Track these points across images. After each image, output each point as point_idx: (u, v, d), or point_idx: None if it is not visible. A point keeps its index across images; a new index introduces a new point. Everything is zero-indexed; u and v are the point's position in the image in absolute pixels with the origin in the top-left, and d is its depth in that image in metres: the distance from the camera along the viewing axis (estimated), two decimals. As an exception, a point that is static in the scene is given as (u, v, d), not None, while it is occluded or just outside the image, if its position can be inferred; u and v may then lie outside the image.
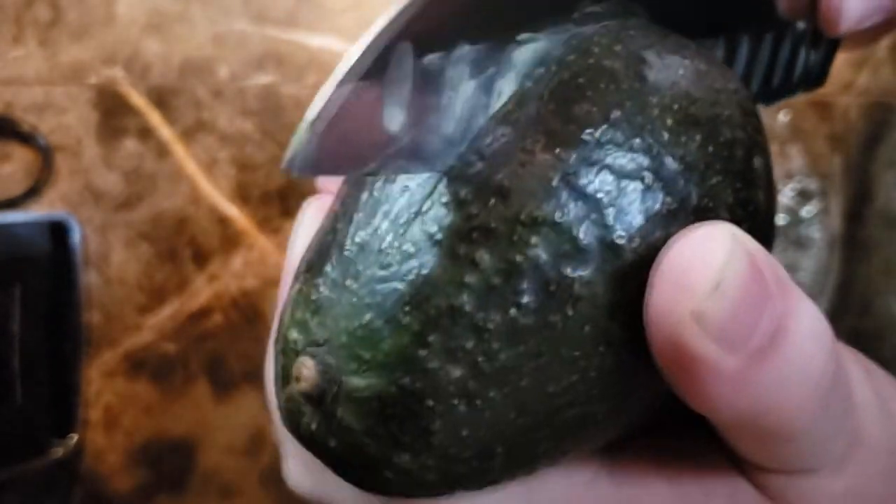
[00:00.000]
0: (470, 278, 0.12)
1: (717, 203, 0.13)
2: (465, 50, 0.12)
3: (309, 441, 0.13)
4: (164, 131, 0.45)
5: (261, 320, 0.45)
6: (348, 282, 0.13)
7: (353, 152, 0.12)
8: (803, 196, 0.42)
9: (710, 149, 0.13)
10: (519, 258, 0.12)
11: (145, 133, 0.45)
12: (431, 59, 0.12)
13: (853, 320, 0.44)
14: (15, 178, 0.44)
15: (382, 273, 0.13)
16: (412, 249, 0.13)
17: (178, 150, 0.45)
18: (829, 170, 0.42)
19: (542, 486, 0.15)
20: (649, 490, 0.15)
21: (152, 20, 0.44)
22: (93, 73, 0.44)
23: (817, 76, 0.21)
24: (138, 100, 0.44)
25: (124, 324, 0.45)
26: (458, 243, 0.12)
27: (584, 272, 0.12)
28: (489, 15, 0.13)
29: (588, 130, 0.12)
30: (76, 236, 0.44)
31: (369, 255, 0.13)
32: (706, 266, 0.12)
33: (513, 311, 0.12)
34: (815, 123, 0.42)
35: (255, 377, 0.45)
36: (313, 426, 0.13)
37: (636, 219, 0.12)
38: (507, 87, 0.13)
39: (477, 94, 0.13)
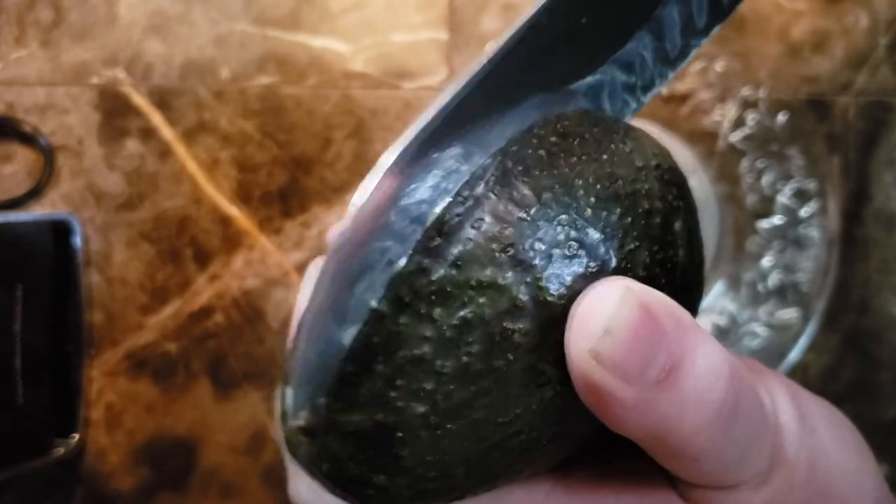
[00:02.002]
0: (429, 332, 0.15)
1: (634, 264, 0.16)
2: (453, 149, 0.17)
3: (306, 465, 0.17)
4: (166, 132, 0.45)
5: (262, 320, 0.45)
6: None
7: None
8: (802, 196, 0.42)
9: (629, 220, 0.16)
10: (469, 315, 0.15)
11: (147, 133, 0.45)
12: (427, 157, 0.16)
13: (852, 319, 0.45)
14: (17, 178, 0.45)
15: None
16: (381, 310, 0.16)
17: (180, 150, 0.45)
18: (827, 170, 0.42)
19: (505, 497, 0.18)
20: (597, 500, 0.18)
21: (154, 21, 0.44)
22: (94, 74, 0.45)
23: None
24: (140, 100, 0.45)
25: (126, 323, 0.45)
26: (419, 303, 0.15)
27: (521, 325, 0.15)
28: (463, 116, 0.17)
29: (523, 211, 0.16)
30: (78, 236, 0.44)
31: None
32: (598, 314, 0.15)
33: (464, 358, 0.15)
34: (814, 123, 0.43)
35: (256, 377, 0.45)
36: (309, 454, 0.16)
37: (564, 280, 0.16)
38: (462, 176, 0.16)
39: (441, 181, 0.16)
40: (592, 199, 0.16)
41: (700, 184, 0.44)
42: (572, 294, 0.15)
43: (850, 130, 0.44)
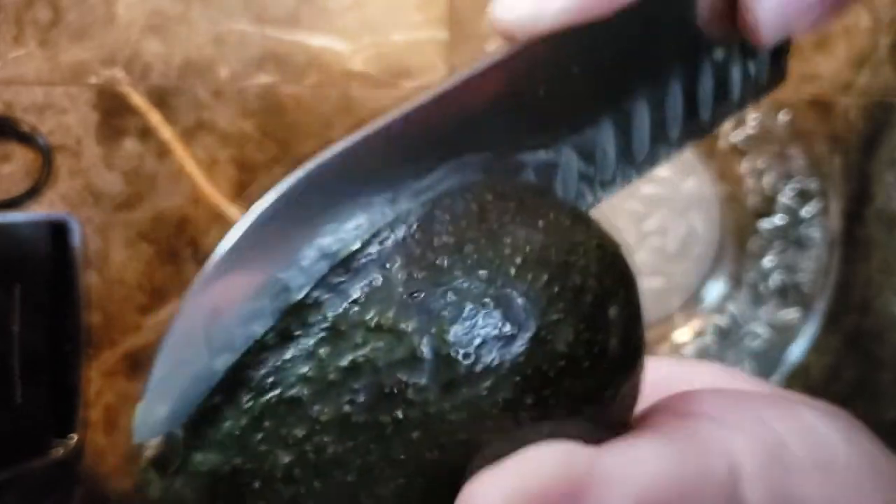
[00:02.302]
0: (312, 372, 0.14)
1: (555, 337, 0.14)
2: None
3: None
4: (165, 131, 0.45)
5: (261, 320, 0.45)
6: None
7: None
8: (803, 196, 0.42)
9: (556, 289, 0.15)
10: (360, 359, 0.14)
11: (145, 133, 0.45)
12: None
13: (853, 319, 0.45)
14: (15, 178, 0.44)
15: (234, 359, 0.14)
16: (265, 341, 0.14)
17: (179, 150, 0.45)
18: (828, 170, 0.42)
19: None
20: None
21: (152, 20, 0.44)
22: (93, 74, 0.45)
23: (775, 75, 0.22)
24: (138, 100, 0.45)
25: (124, 324, 0.45)
26: (307, 339, 0.14)
27: (417, 379, 0.14)
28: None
29: (441, 258, 0.14)
30: (76, 236, 0.44)
31: None
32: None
33: (346, 407, 0.14)
34: (815, 124, 0.43)
35: (256, 377, 0.45)
36: (156, 493, 0.15)
37: (473, 339, 0.14)
38: (386, 218, 0.15)
39: (364, 222, 0.15)
40: (518, 260, 0.15)
41: (701, 184, 0.43)
42: (480, 355, 0.14)
43: (852, 130, 0.44)
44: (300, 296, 0.14)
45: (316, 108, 0.44)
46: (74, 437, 0.44)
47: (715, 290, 0.44)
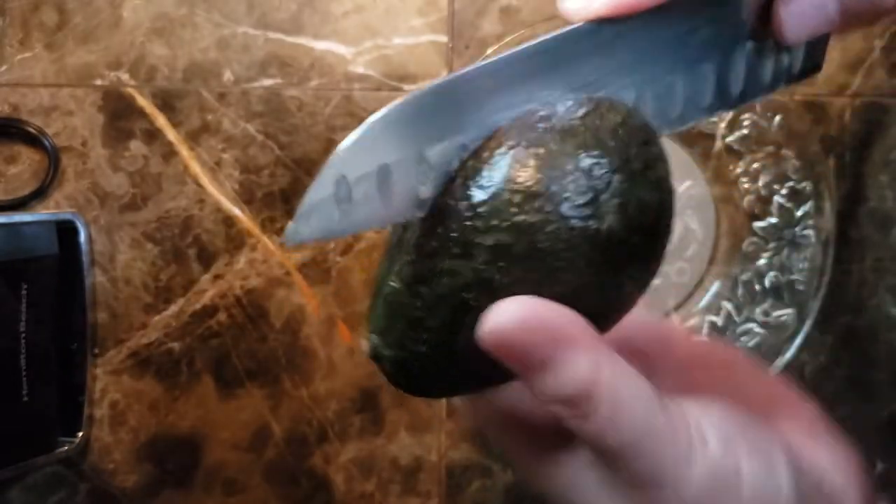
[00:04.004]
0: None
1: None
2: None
3: (383, 373, 0.22)
4: (170, 133, 0.45)
5: (264, 319, 0.45)
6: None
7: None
8: (797, 197, 0.43)
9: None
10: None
11: (151, 135, 0.45)
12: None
13: (847, 319, 0.45)
14: (22, 179, 0.45)
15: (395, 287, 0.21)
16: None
17: (184, 151, 0.45)
18: (822, 171, 0.42)
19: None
20: None
21: (157, 24, 0.45)
22: (99, 76, 0.45)
23: (809, 66, 0.25)
24: (144, 102, 0.45)
25: (130, 323, 0.45)
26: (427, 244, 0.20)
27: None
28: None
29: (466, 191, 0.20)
30: (82, 237, 0.44)
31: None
32: (491, 317, 0.19)
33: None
34: (810, 125, 0.43)
35: (259, 375, 0.46)
36: (379, 366, 0.22)
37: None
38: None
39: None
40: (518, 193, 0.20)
41: (697, 185, 0.44)
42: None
43: (846, 132, 0.44)
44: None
45: (318, 111, 0.45)
46: (80, 435, 0.45)
47: (710, 289, 0.44)
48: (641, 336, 0.25)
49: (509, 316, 0.19)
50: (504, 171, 0.20)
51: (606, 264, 0.20)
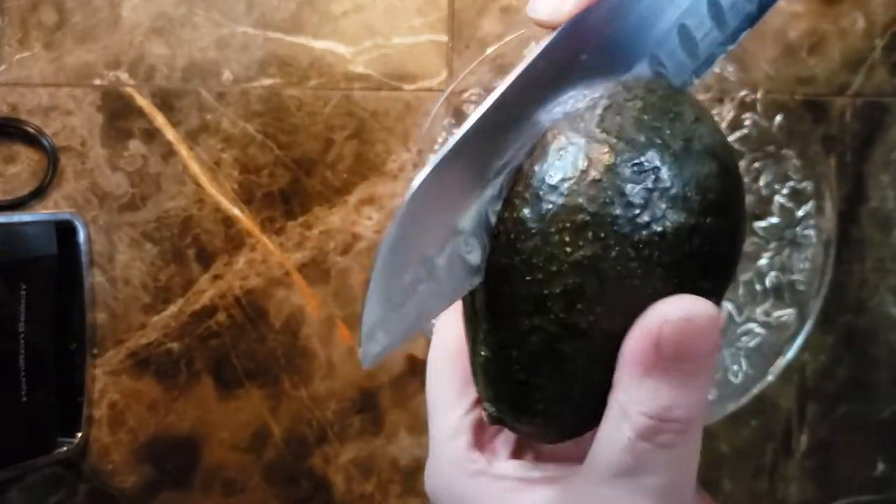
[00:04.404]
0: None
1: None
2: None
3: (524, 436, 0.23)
4: (169, 133, 0.45)
5: (264, 319, 0.45)
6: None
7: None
8: (798, 197, 0.43)
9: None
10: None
11: (150, 135, 0.45)
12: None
13: (848, 319, 0.45)
14: (21, 178, 0.45)
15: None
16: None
17: (183, 151, 0.45)
18: (823, 171, 0.42)
19: None
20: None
21: (157, 23, 0.45)
22: (98, 76, 0.45)
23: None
24: (143, 102, 0.45)
25: (129, 323, 0.45)
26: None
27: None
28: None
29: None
30: (81, 236, 0.44)
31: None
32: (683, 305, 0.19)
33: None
34: (810, 125, 0.43)
35: (258, 375, 0.46)
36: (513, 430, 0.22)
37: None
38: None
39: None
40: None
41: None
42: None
43: (847, 132, 0.44)
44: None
45: (318, 110, 0.45)
46: (79, 435, 0.45)
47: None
48: None
49: (704, 311, 0.19)
50: (543, 212, 0.18)
51: (687, 259, 0.19)
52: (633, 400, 0.19)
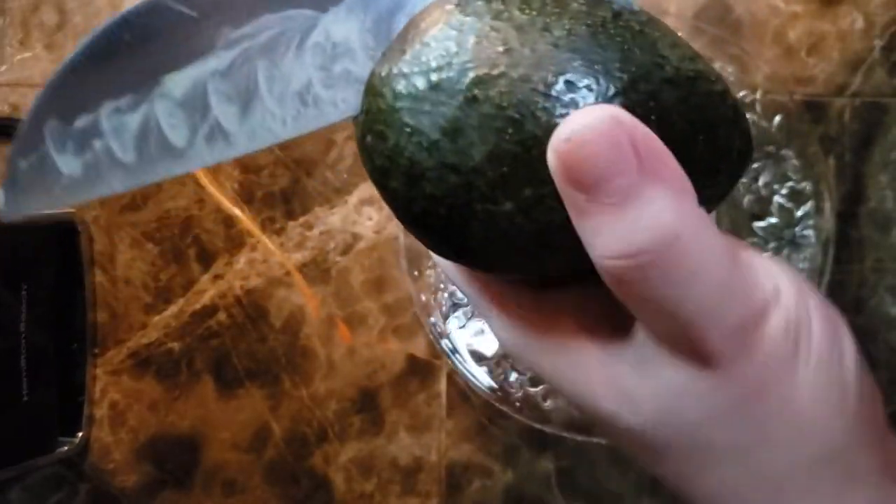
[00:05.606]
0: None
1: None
2: None
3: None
4: (169, 133, 0.45)
5: (264, 319, 0.45)
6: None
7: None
8: (797, 197, 0.43)
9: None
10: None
11: (150, 135, 0.45)
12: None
13: (847, 319, 0.45)
14: (22, 179, 0.45)
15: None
16: None
17: (183, 151, 0.45)
18: (822, 171, 0.42)
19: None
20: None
21: (157, 24, 0.45)
22: (98, 76, 0.45)
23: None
24: (143, 102, 0.45)
25: (130, 323, 0.46)
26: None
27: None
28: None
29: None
30: (82, 237, 0.44)
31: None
32: (568, 123, 0.15)
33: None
34: (809, 125, 0.43)
35: (259, 375, 0.46)
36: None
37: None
38: None
39: None
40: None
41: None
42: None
43: (846, 132, 0.44)
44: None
45: (318, 111, 0.45)
46: (80, 435, 0.45)
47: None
48: None
49: (592, 122, 0.15)
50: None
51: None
52: (592, 250, 0.16)
